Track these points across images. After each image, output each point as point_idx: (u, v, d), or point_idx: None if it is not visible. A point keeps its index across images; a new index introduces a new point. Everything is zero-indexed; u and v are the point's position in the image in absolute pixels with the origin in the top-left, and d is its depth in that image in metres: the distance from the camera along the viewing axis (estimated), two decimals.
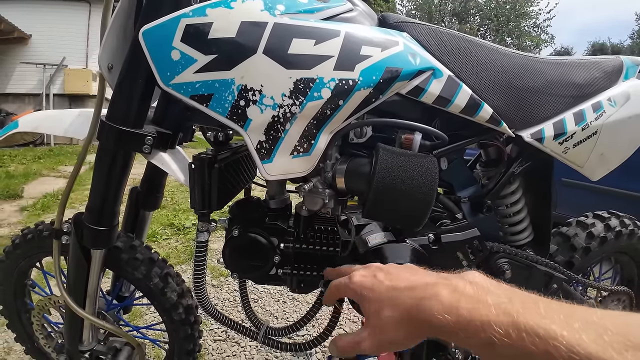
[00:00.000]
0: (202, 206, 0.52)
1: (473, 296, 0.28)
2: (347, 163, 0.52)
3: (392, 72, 0.47)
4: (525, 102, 0.57)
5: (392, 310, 0.32)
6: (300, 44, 0.42)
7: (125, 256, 0.71)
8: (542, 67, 0.60)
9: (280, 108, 0.43)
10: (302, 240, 0.59)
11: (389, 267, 0.37)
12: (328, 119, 0.46)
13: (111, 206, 0.59)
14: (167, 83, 0.43)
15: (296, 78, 0.42)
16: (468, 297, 0.28)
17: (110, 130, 0.53)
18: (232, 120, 0.43)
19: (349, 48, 0.45)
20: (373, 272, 0.37)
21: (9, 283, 0.75)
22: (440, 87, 0.51)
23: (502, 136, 0.62)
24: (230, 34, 0.41)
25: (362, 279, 0.36)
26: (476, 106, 0.53)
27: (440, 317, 0.28)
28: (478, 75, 0.54)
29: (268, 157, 0.45)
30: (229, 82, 0.42)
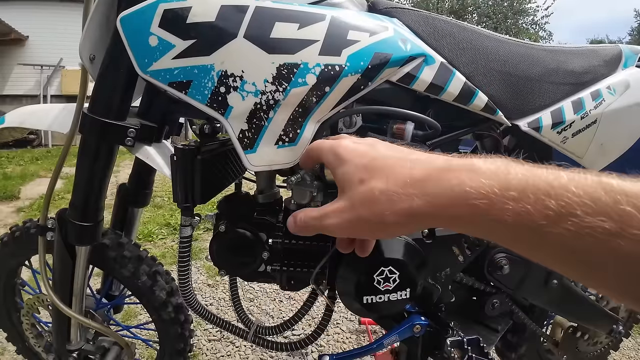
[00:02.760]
0: (184, 200, 0.50)
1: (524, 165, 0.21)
2: None
3: (381, 57, 0.45)
4: (522, 90, 0.55)
5: (387, 179, 0.24)
6: (283, 27, 0.41)
7: (112, 254, 0.69)
8: (539, 54, 0.58)
9: (262, 95, 0.41)
10: (291, 235, 0.57)
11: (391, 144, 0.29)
12: (314, 106, 0.44)
13: (95, 201, 0.57)
14: (144, 70, 0.41)
15: (279, 63, 0.41)
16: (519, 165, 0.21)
17: (92, 123, 0.51)
18: (212, 108, 0.41)
19: (335, 33, 0.43)
20: (370, 142, 0.29)
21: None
22: (432, 74, 0.49)
23: (499, 127, 0.60)
24: (210, 18, 0.39)
25: (352, 144, 0.29)
26: (470, 94, 0.51)
27: (473, 184, 0.21)
28: (472, 62, 0.52)
29: (251, 147, 0.44)
30: (209, 68, 0.40)
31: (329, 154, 0.30)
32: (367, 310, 0.50)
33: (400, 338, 0.54)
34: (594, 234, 0.17)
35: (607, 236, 0.17)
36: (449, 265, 0.55)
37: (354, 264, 0.51)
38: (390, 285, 0.49)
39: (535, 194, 0.19)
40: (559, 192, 0.18)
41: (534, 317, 0.72)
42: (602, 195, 0.17)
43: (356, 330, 1.24)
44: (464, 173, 0.22)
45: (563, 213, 0.18)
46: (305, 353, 1.09)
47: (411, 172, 0.24)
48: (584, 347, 0.76)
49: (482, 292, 0.64)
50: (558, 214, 0.18)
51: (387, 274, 0.49)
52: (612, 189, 0.17)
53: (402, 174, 0.24)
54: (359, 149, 0.28)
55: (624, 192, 0.17)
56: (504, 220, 0.20)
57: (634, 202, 0.17)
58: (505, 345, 0.82)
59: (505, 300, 0.65)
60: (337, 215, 0.27)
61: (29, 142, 4.97)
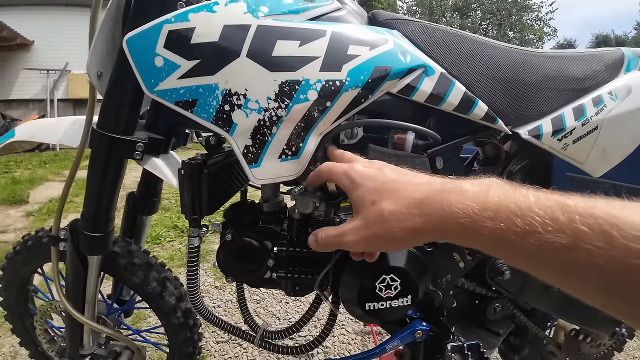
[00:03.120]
0: (192, 212, 0.51)
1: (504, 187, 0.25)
2: None
3: (381, 71, 0.46)
4: (522, 98, 0.56)
5: (395, 201, 0.29)
6: (285, 45, 0.42)
7: (123, 261, 0.71)
8: (539, 61, 0.58)
9: (265, 112, 0.42)
10: (296, 243, 0.58)
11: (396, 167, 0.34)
12: (316, 121, 0.45)
13: (105, 213, 0.59)
14: (151, 90, 0.43)
15: (281, 80, 0.42)
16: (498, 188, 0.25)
17: (101, 138, 0.53)
18: (217, 126, 0.43)
19: (335, 48, 0.44)
20: (378, 166, 0.34)
21: (11, 289, 0.76)
22: (432, 85, 0.50)
23: (500, 134, 0.61)
24: (213, 39, 0.41)
25: (363, 168, 0.33)
26: (470, 103, 0.52)
27: (461, 206, 0.25)
28: (472, 71, 0.53)
29: (255, 162, 0.45)
30: (213, 87, 0.41)
31: (344, 178, 0.34)
32: (369, 317, 0.51)
33: (402, 343, 0.55)
34: (553, 247, 0.21)
35: (564, 249, 0.20)
36: (449, 272, 0.56)
37: (356, 271, 0.52)
38: (392, 293, 0.50)
39: (506, 214, 0.23)
40: (525, 213, 0.22)
41: (536, 320, 0.72)
42: (559, 215, 0.21)
43: (361, 332, 1.25)
44: (453, 195, 0.26)
45: (528, 230, 0.22)
46: (312, 354, 1.10)
47: (413, 194, 0.29)
48: (587, 350, 0.77)
49: (484, 297, 0.65)
50: (524, 230, 0.22)
51: (389, 282, 0.50)
52: (569, 210, 0.21)
53: (406, 197, 0.29)
54: (370, 173, 0.33)
55: (578, 212, 0.20)
56: (484, 235, 0.24)
57: (587, 221, 0.20)
58: (508, 348, 0.82)
59: (507, 305, 0.66)
60: (354, 232, 0.31)
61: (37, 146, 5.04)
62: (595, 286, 0.20)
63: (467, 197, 0.26)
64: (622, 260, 0.18)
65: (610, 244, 0.19)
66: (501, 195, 0.24)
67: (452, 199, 0.26)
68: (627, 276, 0.18)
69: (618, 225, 0.19)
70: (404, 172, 0.33)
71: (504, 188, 0.25)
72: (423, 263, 0.51)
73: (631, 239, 0.18)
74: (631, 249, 0.18)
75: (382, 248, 0.33)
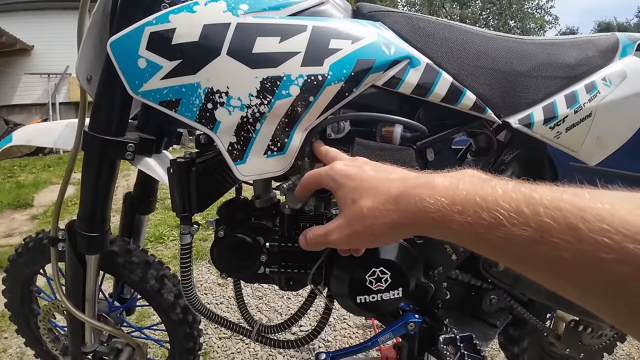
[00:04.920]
0: (182, 210, 0.52)
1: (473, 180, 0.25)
2: None
3: (365, 64, 0.46)
4: (511, 87, 0.55)
5: (373, 198, 0.30)
6: (265, 42, 0.42)
7: (121, 260, 0.73)
8: (529, 48, 0.57)
9: (248, 108, 0.43)
10: (287, 238, 0.59)
11: (377, 163, 0.35)
12: (300, 116, 0.45)
13: (101, 213, 0.60)
14: (136, 91, 0.43)
15: (262, 77, 0.42)
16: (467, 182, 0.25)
17: (93, 140, 0.54)
18: (201, 124, 0.43)
19: (316, 42, 0.44)
20: (359, 164, 0.35)
21: (15, 290, 0.78)
22: (418, 76, 0.50)
23: (492, 124, 0.60)
24: (193, 38, 0.41)
25: (344, 167, 0.34)
26: (458, 94, 0.52)
27: (432, 200, 0.25)
28: (459, 61, 0.52)
29: (241, 158, 0.45)
30: (195, 86, 0.42)
31: (329, 180, 0.35)
32: (361, 310, 0.52)
33: (395, 335, 0.56)
34: (519, 240, 0.20)
35: (530, 242, 0.20)
36: (441, 264, 0.56)
37: (346, 265, 0.52)
38: (383, 285, 0.50)
39: (473, 207, 0.23)
40: (491, 207, 0.22)
41: (535, 311, 0.72)
42: (524, 208, 0.20)
43: (363, 325, 1.26)
44: (425, 190, 0.27)
45: (494, 224, 0.22)
46: (313, 349, 1.11)
47: (390, 191, 0.30)
48: (588, 340, 0.76)
49: (479, 289, 0.65)
50: (490, 224, 0.22)
51: (379, 275, 0.50)
52: (534, 202, 0.20)
53: (383, 193, 0.30)
54: (350, 172, 0.34)
55: (543, 205, 0.20)
56: (453, 228, 0.24)
57: (552, 214, 0.19)
58: (507, 340, 0.82)
59: (503, 296, 0.65)
60: (338, 231, 0.33)
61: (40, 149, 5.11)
62: (566, 280, 0.19)
63: (438, 191, 0.26)
64: (591, 254, 0.17)
65: (577, 238, 0.18)
66: (469, 189, 0.24)
67: (424, 194, 0.26)
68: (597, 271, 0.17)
69: (584, 217, 0.18)
70: (383, 169, 0.33)
71: (473, 181, 0.25)
72: (413, 255, 0.51)
73: (598, 231, 0.17)
74: (599, 242, 0.17)
75: (365, 244, 0.34)
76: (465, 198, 0.24)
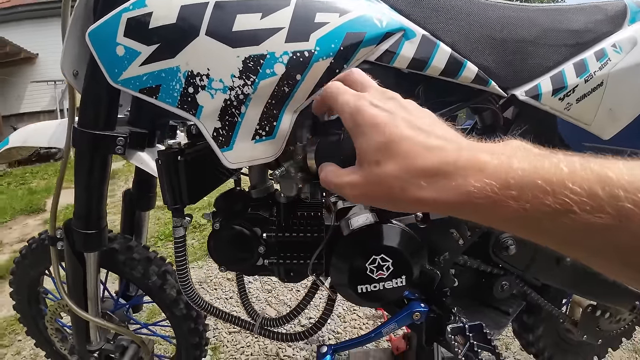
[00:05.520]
0: (173, 201, 0.51)
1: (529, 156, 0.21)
2: (317, 143, 0.49)
3: (354, 37, 0.43)
4: (516, 56, 0.51)
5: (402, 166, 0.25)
6: (245, 19, 0.39)
7: (122, 257, 0.72)
8: (533, 15, 0.53)
9: (231, 90, 0.40)
10: (284, 228, 0.57)
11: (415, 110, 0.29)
12: (288, 96, 0.43)
13: (97, 209, 0.60)
14: (115, 80, 0.42)
15: (244, 56, 0.39)
16: (522, 158, 0.21)
17: (82, 136, 0.53)
18: (183, 110, 0.41)
19: (301, 17, 0.41)
20: (392, 108, 0.29)
21: (22, 292, 0.79)
22: (413, 49, 0.47)
23: (498, 99, 0.57)
24: (171, 20, 0.39)
25: (372, 111, 0.28)
26: (458, 66, 0.48)
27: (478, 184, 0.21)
28: (457, 31, 0.49)
29: (227, 145, 0.43)
30: (175, 70, 0.40)
31: (349, 119, 0.30)
32: (363, 300, 0.49)
33: (399, 326, 0.53)
34: (592, 228, 0.17)
35: (605, 230, 0.17)
36: (447, 249, 0.53)
37: (345, 254, 0.50)
38: (384, 274, 0.48)
39: (533, 191, 0.19)
40: (557, 190, 0.19)
41: (550, 296, 0.68)
42: (599, 191, 0.17)
43: (373, 316, 1.24)
44: (470, 172, 0.23)
45: (560, 210, 0.18)
46: (323, 340, 1.10)
47: (424, 162, 0.25)
48: (606, 326, 0.72)
49: (490, 274, 0.62)
50: (555, 210, 0.19)
51: (380, 262, 0.47)
52: (611, 183, 0.17)
53: (416, 164, 0.25)
54: (378, 120, 0.28)
55: (623, 187, 0.17)
56: (504, 216, 0.21)
57: (633, 198, 0.16)
58: (521, 327, 0.79)
59: (515, 282, 0.62)
60: (354, 188, 0.29)
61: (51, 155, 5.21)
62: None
63: (486, 173, 0.22)
64: None
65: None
66: (527, 168, 0.20)
67: (469, 176, 0.22)
68: None
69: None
70: (421, 124, 0.27)
71: (529, 157, 0.21)
72: (416, 241, 0.49)
73: None
74: None
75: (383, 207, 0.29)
76: (522, 180, 0.20)
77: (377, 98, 0.30)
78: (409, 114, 0.28)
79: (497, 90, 0.51)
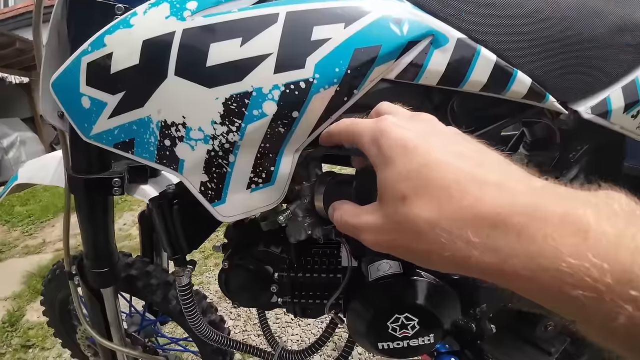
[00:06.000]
0: (172, 252, 0.46)
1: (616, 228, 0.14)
2: (327, 183, 0.41)
3: (366, 54, 0.33)
4: (579, 62, 0.38)
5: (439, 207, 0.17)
6: (221, 48, 0.31)
7: (140, 283, 0.72)
8: (598, 4, 0.39)
9: (214, 140, 0.33)
10: (297, 268, 0.51)
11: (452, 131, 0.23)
12: (284, 138, 0.35)
13: (104, 248, 0.57)
14: (88, 135, 0.36)
15: (225, 97, 0.32)
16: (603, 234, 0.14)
17: (76, 182, 0.50)
18: (163, 165, 0.35)
19: (293, 36, 0.32)
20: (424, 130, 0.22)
21: (53, 310, 0.83)
22: (446, 60, 0.36)
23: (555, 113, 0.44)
24: (133, 62, 0.32)
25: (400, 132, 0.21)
26: (506, 78, 0.37)
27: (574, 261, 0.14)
28: (505, 30, 0.37)
29: (219, 198, 0.37)
30: (147, 121, 0.33)
31: (370, 144, 0.23)
32: (384, 355, 0.43)
33: None
34: None
35: None
36: (485, 301, 0.44)
37: (363, 307, 0.43)
38: (409, 332, 0.41)
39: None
40: None
41: None
42: None
43: None
44: (565, 235, 0.14)
45: None
46: None
47: (476, 203, 0.17)
48: None
49: (533, 315, 0.52)
50: None
51: (404, 321, 0.40)
52: None
53: (462, 204, 0.17)
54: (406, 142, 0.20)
55: None
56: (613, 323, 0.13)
57: None
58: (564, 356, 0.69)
59: (562, 322, 0.52)
60: (374, 233, 0.22)
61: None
62: None
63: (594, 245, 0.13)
64: None
65: None
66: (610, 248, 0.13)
67: (563, 243, 0.14)
68: None
69: None
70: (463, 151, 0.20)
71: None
72: (449, 296, 0.40)
73: None
74: None
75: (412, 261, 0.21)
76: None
77: (404, 118, 0.24)
78: (446, 138, 0.21)
79: (555, 106, 0.39)
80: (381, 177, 0.21)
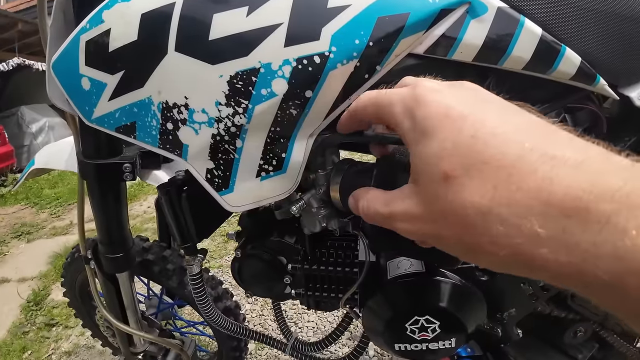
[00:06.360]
0: (182, 240, 0.45)
1: None
2: (345, 171, 0.37)
3: (390, 23, 0.29)
4: (633, 40, 0.32)
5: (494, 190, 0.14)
6: (225, 19, 0.28)
7: (157, 268, 0.72)
8: None
9: (218, 123, 0.30)
10: (311, 260, 0.49)
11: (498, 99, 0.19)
12: (297, 121, 0.31)
13: (119, 234, 0.57)
14: (89, 119, 0.34)
15: (229, 74, 0.28)
16: None
17: (87, 167, 0.49)
18: (166, 150, 0.33)
19: (306, 3, 0.28)
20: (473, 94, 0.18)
21: (73, 292, 0.85)
22: (484, 32, 0.31)
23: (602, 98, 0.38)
24: (132, 38, 0.29)
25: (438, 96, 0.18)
26: (552, 55, 0.31)
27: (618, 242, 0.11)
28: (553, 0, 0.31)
29: (226, 187, 0.34)
30: (147, 103, 0.31)
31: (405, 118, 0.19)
32: (401, 356, 0.40)
33: None
34: None
35: None
36: (514, 305, 0.40)
37: (381, 306, 0.40)
38: (429, 335, 0.37)
39: None
40: None
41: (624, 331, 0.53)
42: None
43: None
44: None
45: None
46: None
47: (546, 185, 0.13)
48: None
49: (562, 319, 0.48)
50: None
51: (424, 324, 0.37)
52: None
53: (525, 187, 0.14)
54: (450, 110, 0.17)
55: None
56: None
57: None
58: None
59: (592, 327, 0.47)
60: (409, 222, 0.18)
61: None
62: None
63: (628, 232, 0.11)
64: None
65: None
66: None
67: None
68: None
69: None
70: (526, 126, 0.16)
71: None
72: (474, 299, 0.37)
73: None
74: None
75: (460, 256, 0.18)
76: None
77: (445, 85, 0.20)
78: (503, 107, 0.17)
79: (606, 90, 0.33)
80: (417, 153, 0.17)
